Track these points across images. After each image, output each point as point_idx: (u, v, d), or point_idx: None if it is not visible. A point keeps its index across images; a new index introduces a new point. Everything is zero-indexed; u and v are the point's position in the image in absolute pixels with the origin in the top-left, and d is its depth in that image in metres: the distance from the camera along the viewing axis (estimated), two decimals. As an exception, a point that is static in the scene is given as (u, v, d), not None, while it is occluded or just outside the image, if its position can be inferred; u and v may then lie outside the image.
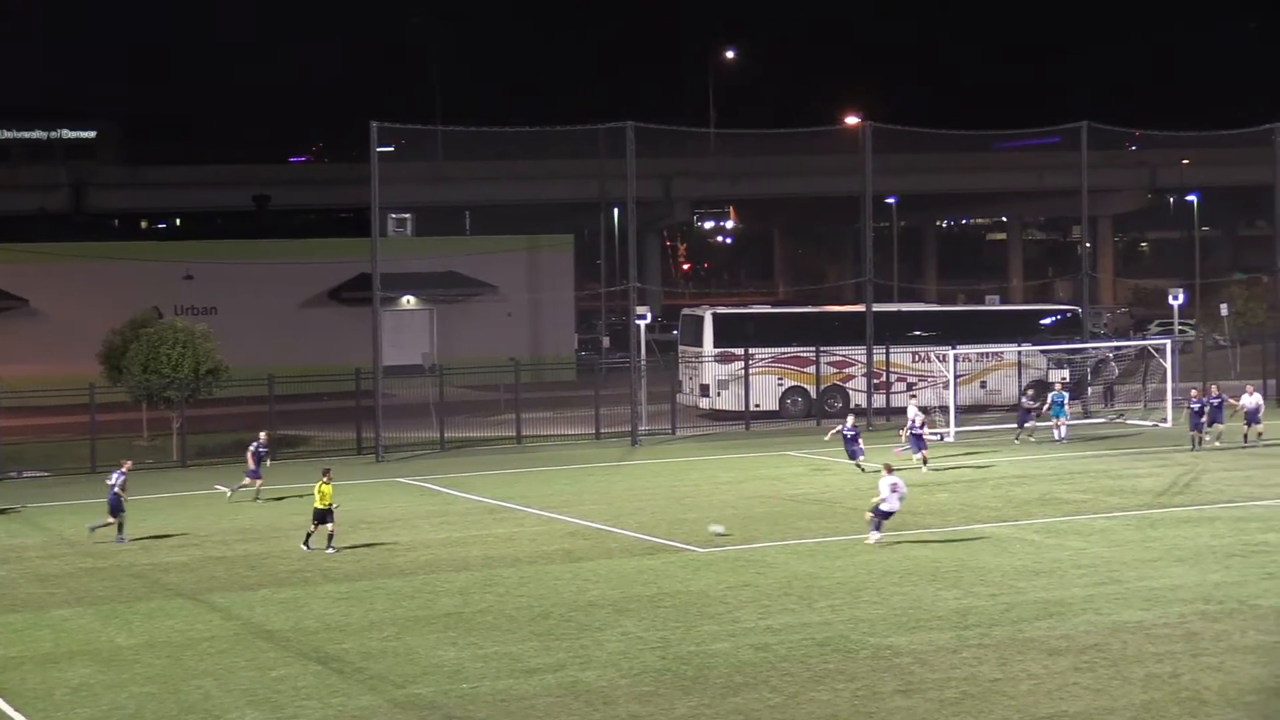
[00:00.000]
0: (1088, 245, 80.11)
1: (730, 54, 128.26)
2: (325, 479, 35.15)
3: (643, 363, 58.81)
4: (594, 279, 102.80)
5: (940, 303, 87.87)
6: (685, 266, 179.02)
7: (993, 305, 79.76)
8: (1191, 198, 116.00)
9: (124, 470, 37.08)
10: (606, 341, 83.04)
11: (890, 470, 34.66)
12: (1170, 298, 72.18)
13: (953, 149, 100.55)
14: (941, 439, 52.93)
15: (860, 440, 45.73)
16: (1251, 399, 50.46)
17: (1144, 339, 71.30)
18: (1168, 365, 57.23)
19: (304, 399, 61.02)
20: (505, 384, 60.49)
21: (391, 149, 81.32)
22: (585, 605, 28.91)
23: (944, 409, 55.25)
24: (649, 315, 59.80)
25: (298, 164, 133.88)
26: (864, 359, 60.43)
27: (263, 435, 43.20)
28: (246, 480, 42.17)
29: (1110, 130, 69.90)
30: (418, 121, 67.77)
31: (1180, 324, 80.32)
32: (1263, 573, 30.55)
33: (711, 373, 61.79)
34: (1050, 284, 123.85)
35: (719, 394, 61.75)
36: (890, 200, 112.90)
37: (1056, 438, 52.24)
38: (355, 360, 57.43)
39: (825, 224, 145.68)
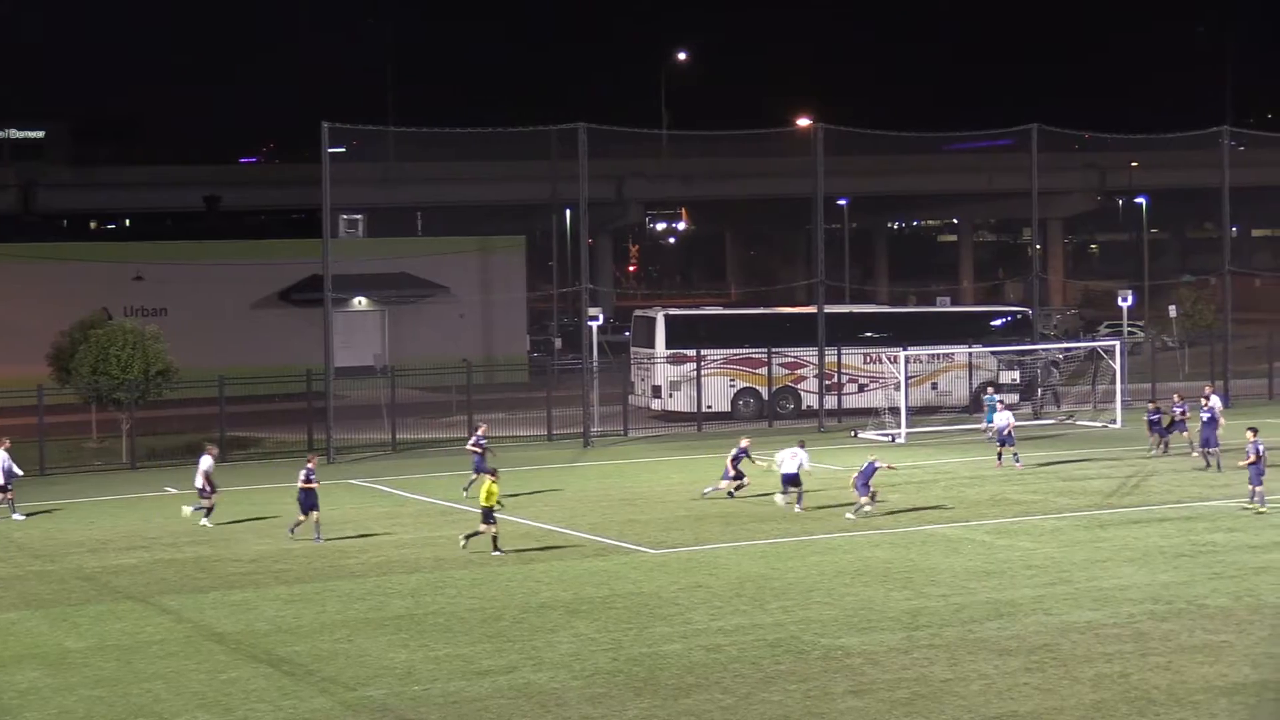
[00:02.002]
0: (1038, 247, 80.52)
1: (682, 56, 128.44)
2: (494, 478, 34.36)
3: (595, 364, 58.82)
4: (546, 280, 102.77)
5: (891, 304, 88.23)
6: (631, 269, 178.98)
7: (944, 307, 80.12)
8: (1140, 200, 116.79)
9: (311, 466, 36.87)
10: (559, 343, 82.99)
11: (802, 445, 39.03)
12: (1119, 299, 72.64)
13: (904, 151, 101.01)
14: (893, 440, 53.15)
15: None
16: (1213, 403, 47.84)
17: (1093, 340, 71.73)
18: (1117, 367, 57.56)
19: (255, 400, 60.75)
20: (457, 385, 60.38)
21: (343, 150, 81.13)
22: (537, 607, 28.90)
23: (895, 410, 55.46)
24: (601, 316, 59.84)
25: (248, 164, 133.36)
26: (816, 360, 60.60)
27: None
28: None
29: (1060, 133, 70.24)
30: (370, 122, 67.61)
31: (1129, 325, 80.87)
32: (1210, 573, 30.77)
33: (663, 374, 61.84)
34: (1000, 285, 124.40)
35: (671, 395, 61.81)
36: (842, 202, 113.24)
37: (990, 439, 52.13)
38: (306, 361, 57.20)
39: (777, 225, 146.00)
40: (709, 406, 60.72)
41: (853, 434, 55.20)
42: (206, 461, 38.63)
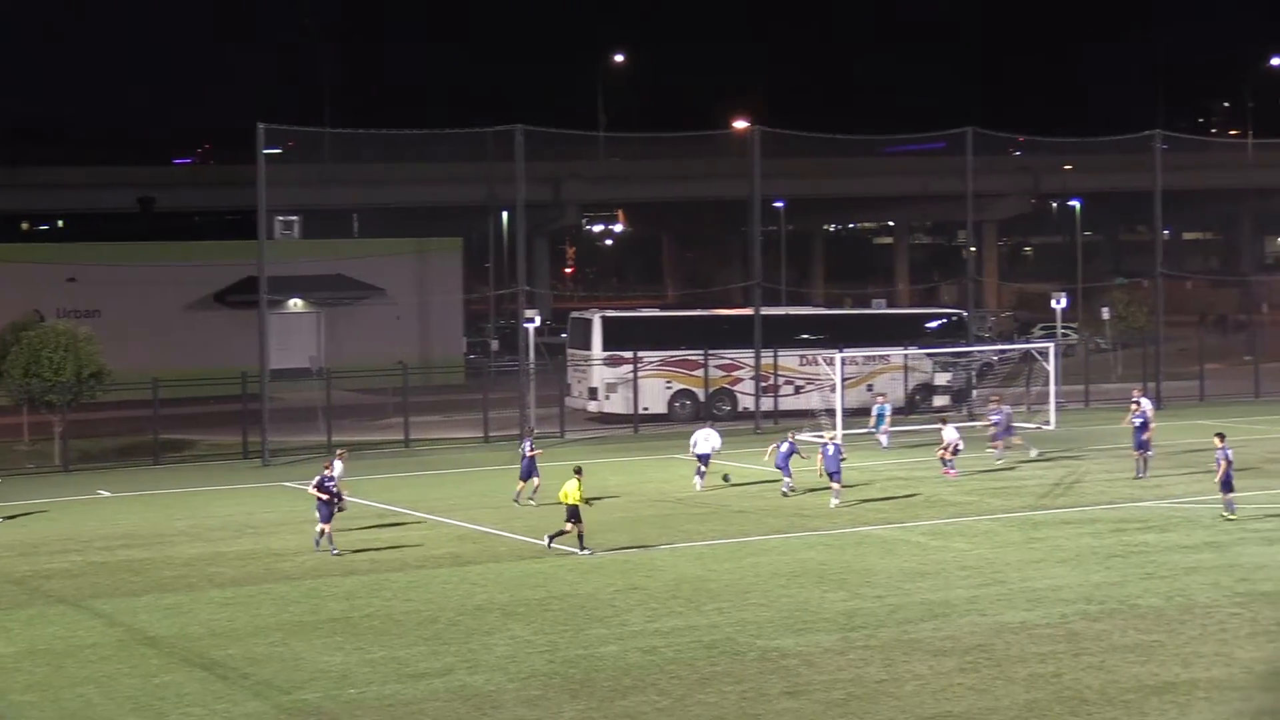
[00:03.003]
0: (973, 249, 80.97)
1: (619, 58, 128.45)
2: (577, 476, 34.09)
3: (531, 366, 58.75)
4: (483, 282, 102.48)
5: (827, 306, 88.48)
6: (568, 271, 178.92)
7: (879, 309, 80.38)
8: (1074, 203, 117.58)
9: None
10: (495, 345, 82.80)
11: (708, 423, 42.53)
12: (1053, 302, 73.08)
13: (840, 153, 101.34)
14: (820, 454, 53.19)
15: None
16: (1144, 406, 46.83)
17: (1028, 343, 72.17)
18: (1051, 369, 57.93)
19: (189, 403, 60.35)
20: (393, 387, 60.18)
21: (279, 151, 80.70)
22: (473, 609, 28.85)
23: (830, 412, 55.58)
24: (538, 318, 59.78)
25: (183, 165, 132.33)
26: (752, 362, 60.76)
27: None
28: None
29: (995, 136, 70.67)
30: (306, 124, 67.27)
31: (1063, 328, 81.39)
32: (1142, 573, 31.03)
33: (600, 376, 61.85)
34: (936, 288, 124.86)
35: (607, 397, 61.82)
36: (778, 204, 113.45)
37: (883, 445, 52.11)
38: (241, 363, 56.85)
39: (714, 228, 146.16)
40: (645, 408, 60.76)
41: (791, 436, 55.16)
42: (338, 467, 37.61)
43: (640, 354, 60.76)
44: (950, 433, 46.31)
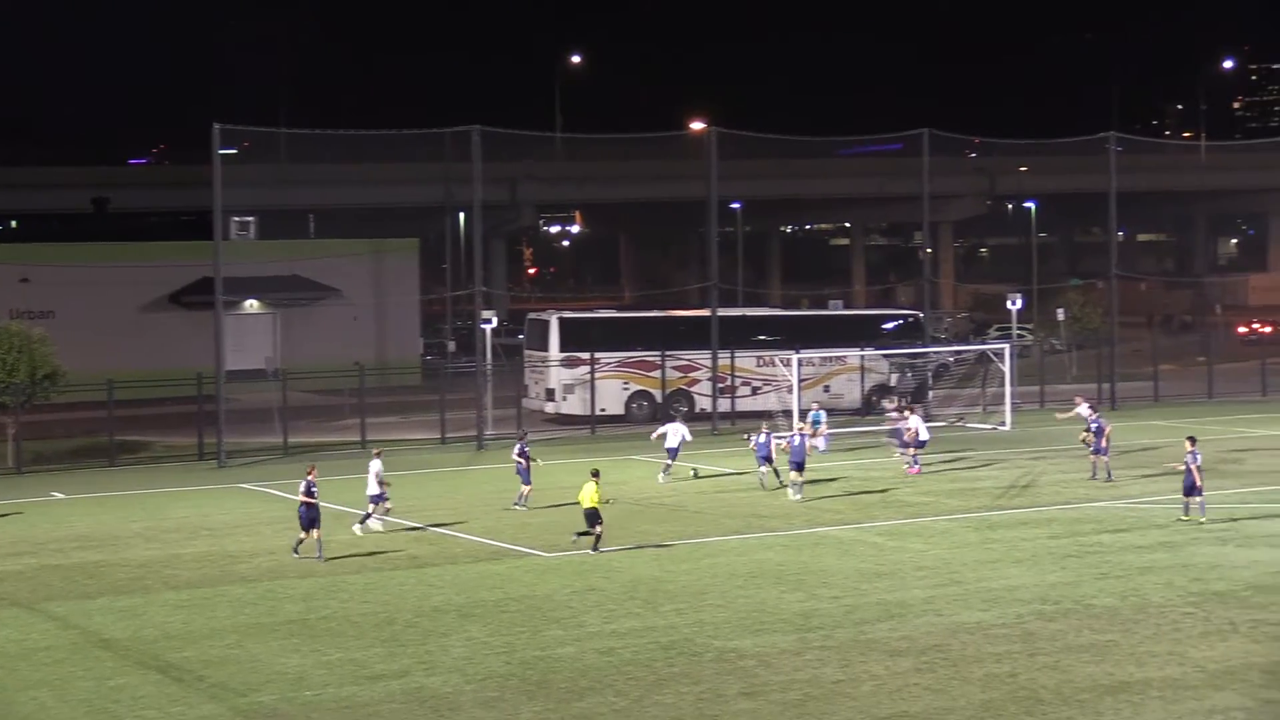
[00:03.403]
0: (928, 250, 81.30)
1: (576, 59, 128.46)
2: (594, 479, 34.25)
3: (489, 367, 58.67)
4: (440, 283, 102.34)
5: (784, 307, 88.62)
6: (526, 272, 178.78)
7: (836, 310, 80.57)
8: (1029, 204, 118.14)
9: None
10: (452, 346, 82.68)
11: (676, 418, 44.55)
12: (1008, 303, 73.40)
13: (797, 155, 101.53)
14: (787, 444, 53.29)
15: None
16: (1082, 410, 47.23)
17: (983, 344, 72.45)
18: (1006, 369, 58.17)
19: (145, 404, 60.05)
20: (350, 388, 60.03)
21: (235, 151, 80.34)
22: (430, 611, 28.81)
23: (787, 413, 55.68)
24: (495, 319, 59.71)
25: (138, 166, 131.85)
26: (709, 363, 60.84)
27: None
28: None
29: (950, 137, 70.96)
30: (262, 124, 67.01)
31: (1018, 329, 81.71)
32: (1097, 573, 31.18)
33: (557, 377, 61.84)
34: (892, 289, 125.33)
35: (565, 398, 61.81)
36: (735, 206, 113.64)
37: (819, 449, 51.97)
38: (197, 364, 56.64)
39: (671, 229, 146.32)
40: (603, 409, 60.76)
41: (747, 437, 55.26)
42: (377, 465, 37.68)
43: (597, 355, 60.76)
44: (915, 421, 46.79)
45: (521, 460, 40.83)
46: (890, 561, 32.77)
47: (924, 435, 46.88)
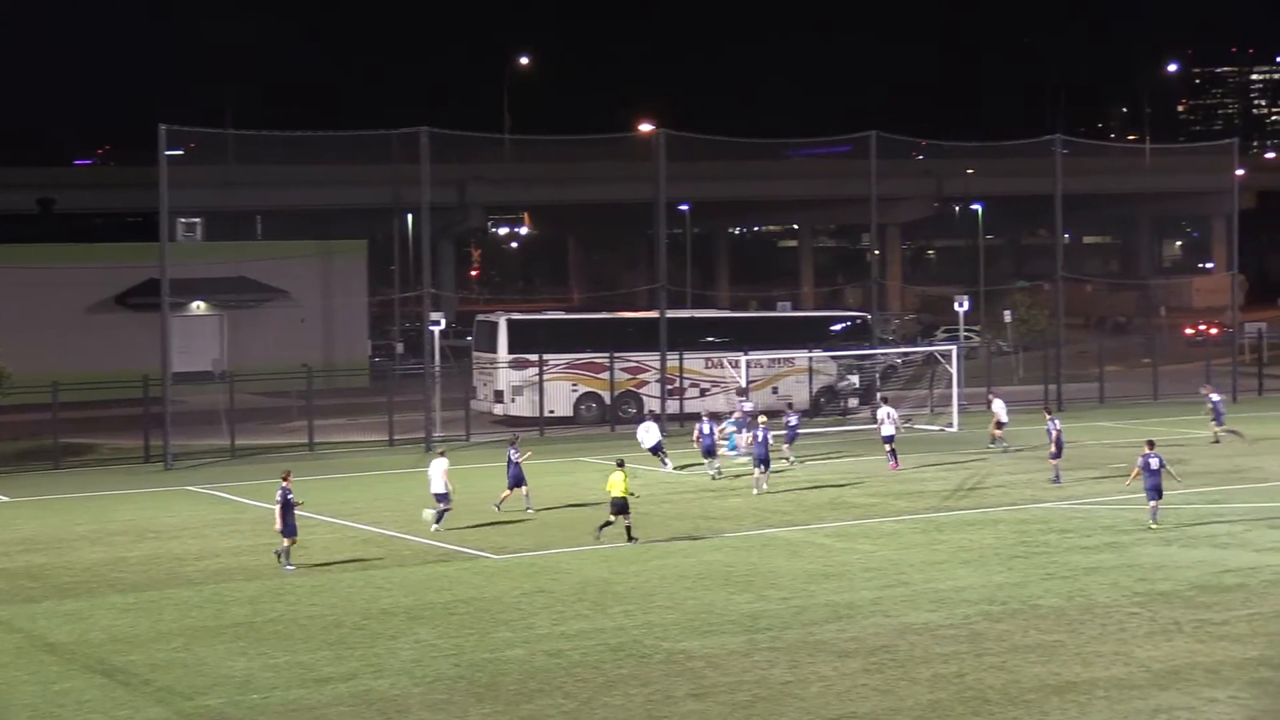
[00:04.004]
0: (876, 252, 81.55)
1: (525, 60, 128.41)
2: (621, 469, 34.49)
3: (437, 369, 58.57)
4: (388, 285, 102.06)
5: (733, 309, 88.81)
6: (474, 273, 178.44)
7: (784, 312, 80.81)
8: (976, 207, 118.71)
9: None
10: (400, 347, 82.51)
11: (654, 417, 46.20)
12: (956, 304, 73.75)
13: (745, 156, 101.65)
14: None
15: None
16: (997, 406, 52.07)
17: (930, 345, 72.77)
18: (954, 371, 58.42)
19: (90, 406, 59.65)
20: (297, 390, 59.83)
21: (181, 152, 79.98)
22: (378, 613, 28.74)
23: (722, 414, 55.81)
24: (443, 321, 59.63)
25: (83, 166, 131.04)
26: (658, 365, 60.90)
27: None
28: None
29: (898, 139, 71.26)
30: (209, 125, 66.72)
31: (965, 330, 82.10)
32: (1043, 573, 31.35)
33: (506, 379, 61.77)
34: (840, 291, 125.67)
35: (513, 400, 61.75)
36: (683, 207, 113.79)
37: (729, 452, 51.79)
38: (143, 366, 56.31)
39: (620, 230, 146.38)
40: (551, 411, 60.72)
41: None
42: (443, 463, 37.39)
43: (546, 357, 60.71)
44: (884, 413, 47.45)
45: (516, 463, 40.41)
46: (838, 563, 32.87)
47: (889, 431, 47.66)
